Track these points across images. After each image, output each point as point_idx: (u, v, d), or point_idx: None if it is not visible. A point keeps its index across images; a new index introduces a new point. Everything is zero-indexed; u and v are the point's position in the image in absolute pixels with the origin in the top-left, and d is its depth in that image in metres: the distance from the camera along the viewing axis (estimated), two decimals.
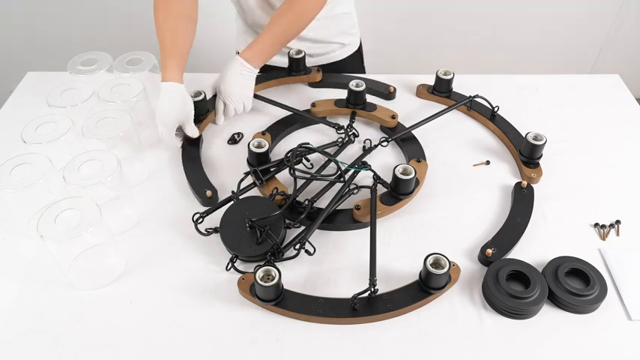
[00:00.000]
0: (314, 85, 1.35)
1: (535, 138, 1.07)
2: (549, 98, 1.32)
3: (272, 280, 0.83)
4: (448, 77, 1.26)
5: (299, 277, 0.92)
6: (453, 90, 1.29)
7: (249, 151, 1.06)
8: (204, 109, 1.20)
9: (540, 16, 2.34)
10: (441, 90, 1.28)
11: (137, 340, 0.83)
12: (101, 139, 1.01)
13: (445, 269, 0.84)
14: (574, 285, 0.87)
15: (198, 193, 1.04)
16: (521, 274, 0.88)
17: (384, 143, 1.14)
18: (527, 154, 1.09)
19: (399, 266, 0.93)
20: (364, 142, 1.16)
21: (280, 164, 1.06)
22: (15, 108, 1.30)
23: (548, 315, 0.86)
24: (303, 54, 1.31)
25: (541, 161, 1.10)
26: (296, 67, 1.33)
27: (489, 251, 0.92)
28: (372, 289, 0.85)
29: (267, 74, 1.33)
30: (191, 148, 1.14)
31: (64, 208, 0.85)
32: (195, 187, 1.05)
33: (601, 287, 0.87)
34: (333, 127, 1.18)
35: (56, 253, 0.88)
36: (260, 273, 0.83)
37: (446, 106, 1.23)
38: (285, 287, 0.87)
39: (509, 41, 2.43)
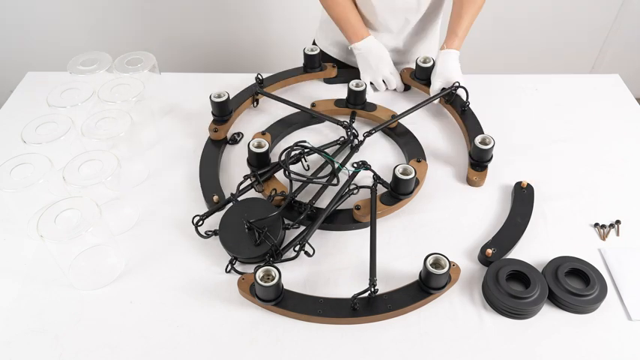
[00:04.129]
0: (330, 80, 1.35)
1: (483, 142, 1.07)
2: (549, 98, 1.32)
3: (272, 280, 0.83)
4: (427, 65, 1.26)
5: (299, 277, 0.92)
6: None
7: (249, 151, 1.06)
8: (227, 111, 1.19)
9: (540, 16, 2.34)
10: (421, 77, 1.29)
11: (137, 340, 0.83)
12: (101, 139, 1.01)
13: (445, 269, 0.84)
14: (574, 285, 0.87)
15: (206, 198, 1.04)
16: (521, 274, 0.88)
17: (365, 133, 1.14)
18: (476, 156, 1.09)
19: (399, 266, 0.93)
20: (340, 138, 1.16)
21: (278, 165, 1.06)
22: (15, 108, 1.30)
23: (548, 315, 0.86)
24: (318, 50, 1.31)
25: (541, 161, 1.11)
26: (311, 64, 1.32)
27: (489, 251, 0.92)
28: (372, 289, 0.85)
29: (283, 73, 1.33)
30: (212, 149, 1.15)
31: (64, 208, 0.85)
32: (205, 190, 1.06)
33: (601, 287, 0.87)
34: (341, 124, 1.17)
35: (56, 253, 0.88)
36: (260, 273, 0.83)
37: (429, 96, 1.25)
38: (285, 287, 0.87)
39: (509, 41, 2.43)
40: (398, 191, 1.01)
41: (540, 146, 1.17)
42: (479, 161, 1.08)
